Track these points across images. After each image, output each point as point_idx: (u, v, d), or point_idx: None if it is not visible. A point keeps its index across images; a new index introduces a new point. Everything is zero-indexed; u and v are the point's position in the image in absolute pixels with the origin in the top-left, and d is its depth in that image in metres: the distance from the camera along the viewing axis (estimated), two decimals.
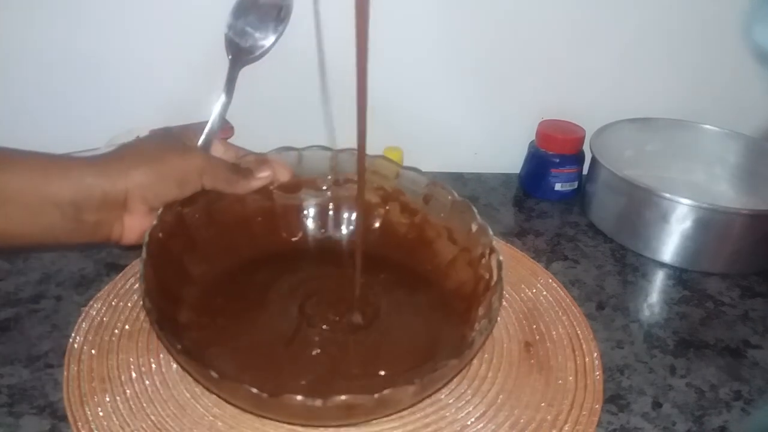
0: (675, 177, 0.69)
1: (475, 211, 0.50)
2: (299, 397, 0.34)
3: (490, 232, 0.48)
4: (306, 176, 0.55)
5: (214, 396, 0.41)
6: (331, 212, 0.56)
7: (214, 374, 0.35)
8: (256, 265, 0.52)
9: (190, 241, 0.49)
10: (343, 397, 0.35)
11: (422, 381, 0.36)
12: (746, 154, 0.67)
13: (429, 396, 0.42)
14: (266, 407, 0.37)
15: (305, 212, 0.56)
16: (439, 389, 0.43)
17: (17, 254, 0.55)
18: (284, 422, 0.40)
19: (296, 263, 0.53)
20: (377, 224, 0.55)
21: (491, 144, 0.73)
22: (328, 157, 0.54)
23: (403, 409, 0.41)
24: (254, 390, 0.34)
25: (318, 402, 0.34)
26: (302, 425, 0.40)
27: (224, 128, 0.65)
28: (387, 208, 0.55)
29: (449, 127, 0.71)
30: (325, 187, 0.56)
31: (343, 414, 0.37)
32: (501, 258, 0.45)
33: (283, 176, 0.52)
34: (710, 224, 0.56)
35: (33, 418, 0.40)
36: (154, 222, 0.44)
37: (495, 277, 0.44)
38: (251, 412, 0.40)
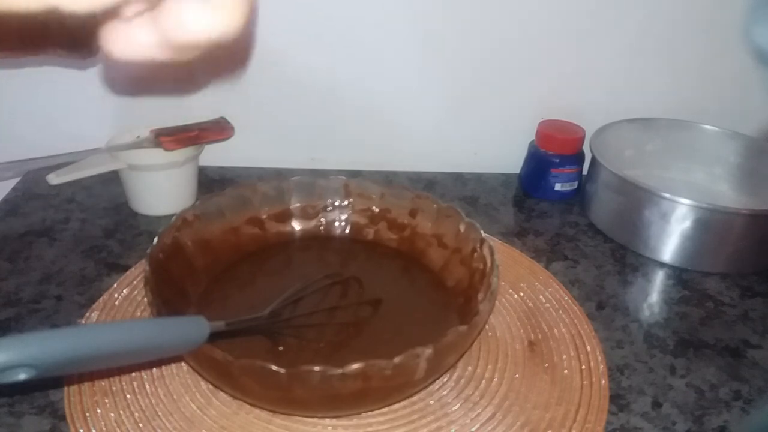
0: (675, 177, 0.69)
1: (461, 212, 0.51)
2: (317, 368, 0.34)
3: (479, 227, 0.50)
4: (295, 204, 0.56)
5: (222, 407, 0.41)
6: (322, 236, 0.57)
7: (229, 357, 0.35)
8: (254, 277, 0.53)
9: (187, 264, 0.50)
10: (360, 365, 0.35)
11: (436, 346, 0.37)
12: (746, 154, 0.67)
13: (440, 376, 0.43)
14: (282, 387, 0.37)
15: (296, 238, 0.57)
16: (452, 366, 0.44)
17: (18, 254, 0.55)
18: (294, 416, 0.40)
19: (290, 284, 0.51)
20: (368, 243, 0.57)
21: (491, 144, 0.73)
22: (315, 183, 0.56)
23: (415, 393, 0.42)
24: (273, 367, 0.34)
25: (336, 371, 0.35)
26: (311, 416, 0.40)
27: (225, 128, 0.65)
28: (376, 228, 0.56)
29: (449, 127, 0.71)
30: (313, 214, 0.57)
31: (359, 391, 0.37)
32: (492, 245, 0.47)
33: None
34: (710, 224, 0.56)
35: (33, 417, 0.40)
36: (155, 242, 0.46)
37: (489, 264, 0.46)
38: (263, 408, 0.40)
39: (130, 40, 0.21)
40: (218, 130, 0.64)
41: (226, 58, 0.65)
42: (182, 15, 0.20)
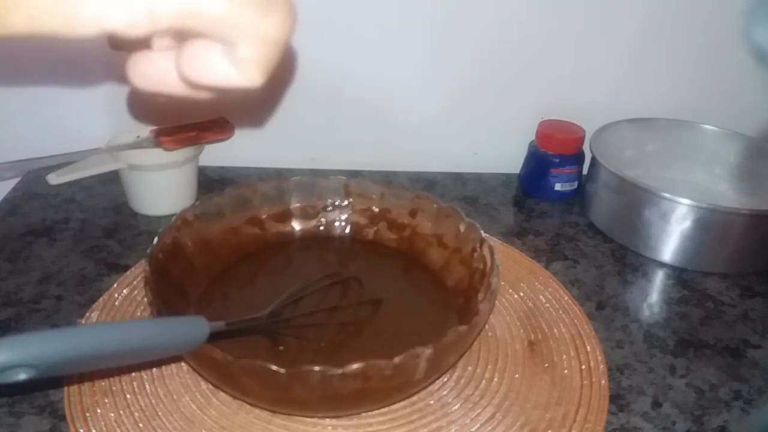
0: (675, 177, 0.69)
1: (461, 212, 0.51)
2: (317, 368, 0.34)
3: (479, 227, 0.50)
4: (295, 204, 0.56)
5: (222, 407, 0.41)
6: (322, 236, 0.57)
7: (229, 357, 0.35)
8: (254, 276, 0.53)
9: (187, 263, 0.50)
10: (360, 365, 0.35)
11: (436, 346, 0.37)
12: (746, 154, 0.67)
13: (440, 376, 0.43)
14: (282, 387, 0.36)
15: (296, 238, 0.57)
16: (452, 366, 0.44)
17: (18, 254, 0.55)
18: (294, 416, 0.40)
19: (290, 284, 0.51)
20: (368, 243, 0.57)
21: (491, 144, 0.73)
22: (315, 183, 0.56)
23: (415, 393, 0.42)
24: (273, 367, 0.34)
25: (336, 371, 0.35)
26: (311, 416, 0.40)
27: (225, 128, 0.65)
28: (376, 228, 0.56)
29: (449, 127, 0.71)
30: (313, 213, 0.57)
31: (359, 391, 0.37)
32: (492, 245, 0.48)
33: None
34: (710, 224, 0.56)
35: (33, 417, 0.40)
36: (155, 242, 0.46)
37: (489, 264, 0.46)
38: (263, 408, 0.40)
39: (153, 72, 0.21)
40: (218, 130, 0.64)
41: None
42: (204, 59, 0.20)
